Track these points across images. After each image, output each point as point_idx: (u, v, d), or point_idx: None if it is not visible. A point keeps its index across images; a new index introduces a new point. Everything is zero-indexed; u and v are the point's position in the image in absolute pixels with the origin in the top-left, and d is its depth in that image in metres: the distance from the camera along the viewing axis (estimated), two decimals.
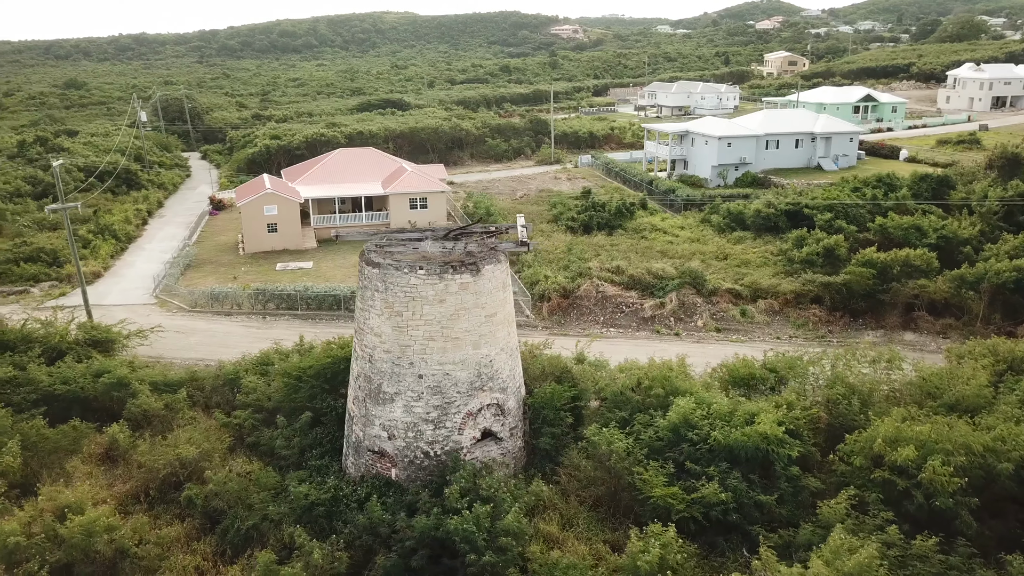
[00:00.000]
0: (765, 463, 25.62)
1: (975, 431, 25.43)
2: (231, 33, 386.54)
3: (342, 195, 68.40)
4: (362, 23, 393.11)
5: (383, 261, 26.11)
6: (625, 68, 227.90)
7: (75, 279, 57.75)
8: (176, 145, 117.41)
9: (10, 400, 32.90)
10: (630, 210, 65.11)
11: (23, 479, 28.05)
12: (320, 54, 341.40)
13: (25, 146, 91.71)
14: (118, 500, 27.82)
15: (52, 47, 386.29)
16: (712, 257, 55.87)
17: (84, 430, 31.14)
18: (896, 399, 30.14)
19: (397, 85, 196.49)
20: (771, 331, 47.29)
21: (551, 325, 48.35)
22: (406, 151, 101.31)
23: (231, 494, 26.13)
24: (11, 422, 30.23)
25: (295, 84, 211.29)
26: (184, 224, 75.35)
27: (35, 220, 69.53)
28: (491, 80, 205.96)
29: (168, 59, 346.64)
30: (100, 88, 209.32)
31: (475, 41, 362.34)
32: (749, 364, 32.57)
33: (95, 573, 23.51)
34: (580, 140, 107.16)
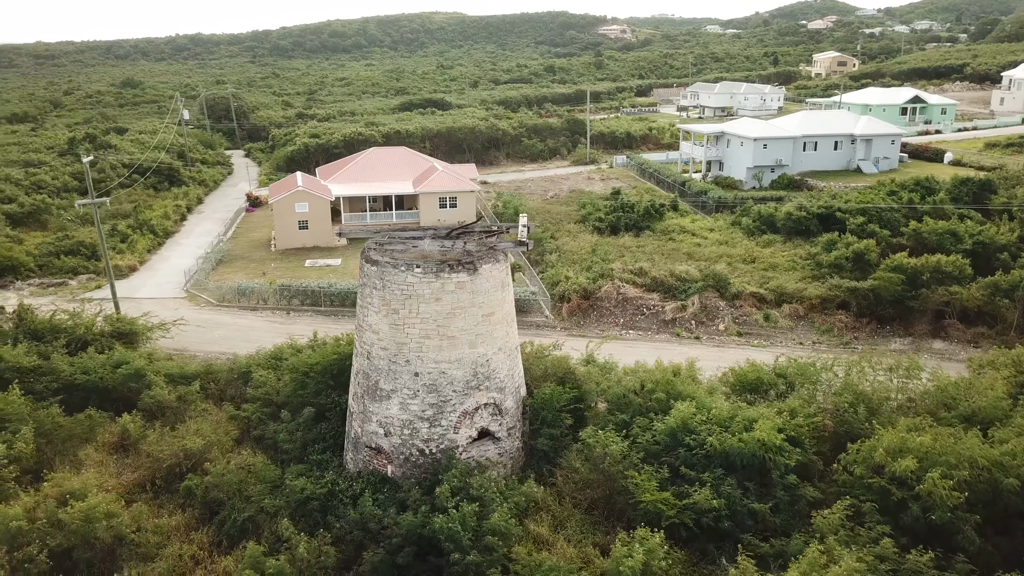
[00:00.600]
0: (762, 470, 25.13)
1: (984, 444, 24.60)
2: (283, 33, 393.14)
3: (373, 193, 69.10)
4: (411, 23, 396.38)
5: (381, 259, 26.29)
6: (671, 68, 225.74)
7: (112, 272, 59.43)
8: (220, 143, 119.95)
9: (32, 388, 33.90)
10: (659, 211, 64.47)
11: (36, 465, 28.88)
12: (369, 54, 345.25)
13: (75, 143, 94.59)
14: (125, 488, 28.49)
15: (112, 47, 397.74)
16: (739, 260, 55.00)
17: (98, 419, 31.96)
18: (910, 409, 29.29)
19: (441, 85, 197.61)
20: (795, 336, 46.37)
21: (570, 326, 48.15)
22: (443, 150, 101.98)
23: (229, 486, 26.60)
24: (29, 409, 31.13)
25: (342, 83, 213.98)
26: (221, 220, 76.90)
27: (78, 215, 71.64)
28: (535, 80, 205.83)
29: (222, 59, 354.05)
30: (154, 87, 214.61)
31: (522, 41, 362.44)
32: (759, 369, 32.00)
33: (94, 558, 24.15)
34: (617, 140, 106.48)
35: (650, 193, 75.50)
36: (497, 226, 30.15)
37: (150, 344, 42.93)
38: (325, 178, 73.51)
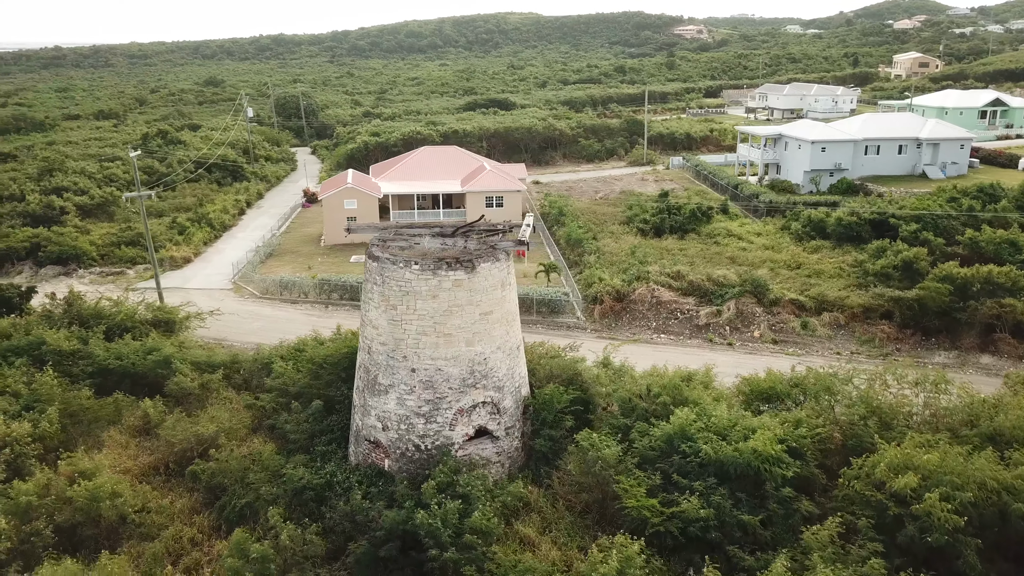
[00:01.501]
0: (757, 481, 24.43)
1: (997, 465, 23.36)
2: (361, 34, 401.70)
3: (421, 192, 69.94)
4: (486, 23, 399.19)
5: (381, 255, 26.62)
6: (744, 69, 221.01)
7: (167, 263, 61.93)
8: (286, 140, 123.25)
9: (69, 371, 35.63)
10: (706, 214, 63.26)
11: (61, 444, 30.29)
12: (444, 54, 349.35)
13: (148, 139, 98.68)
14: (140, 470, 29.64)
15: (200, 47, 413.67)
16: (784, 266, 53.51)
17: (125, 403, 33.30)
18: (930, 425, 28.02)
19: (510, 85, 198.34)
20: (832, 346, 44.86)
21: (601, 328, 47.73)
22: (499, 150, 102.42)
23: (232, 472, 27.37)
24: (60, 391, 32.69)
25: (413, 83, 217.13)
26: (278, 215, 79.04)
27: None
28: (604, 80, 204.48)
29: (302, 59, 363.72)
30: (234, 85, 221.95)
31: (596, 42, 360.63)
32: (776, 378, 31.06)
33: (98, 536, 25.22)
34: (676, 142, 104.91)
35: (701, 195, 74.14)
36: (500, 225, 30.11)
37: (189, 333, 44.63)
38: (377, 175, 74.78)
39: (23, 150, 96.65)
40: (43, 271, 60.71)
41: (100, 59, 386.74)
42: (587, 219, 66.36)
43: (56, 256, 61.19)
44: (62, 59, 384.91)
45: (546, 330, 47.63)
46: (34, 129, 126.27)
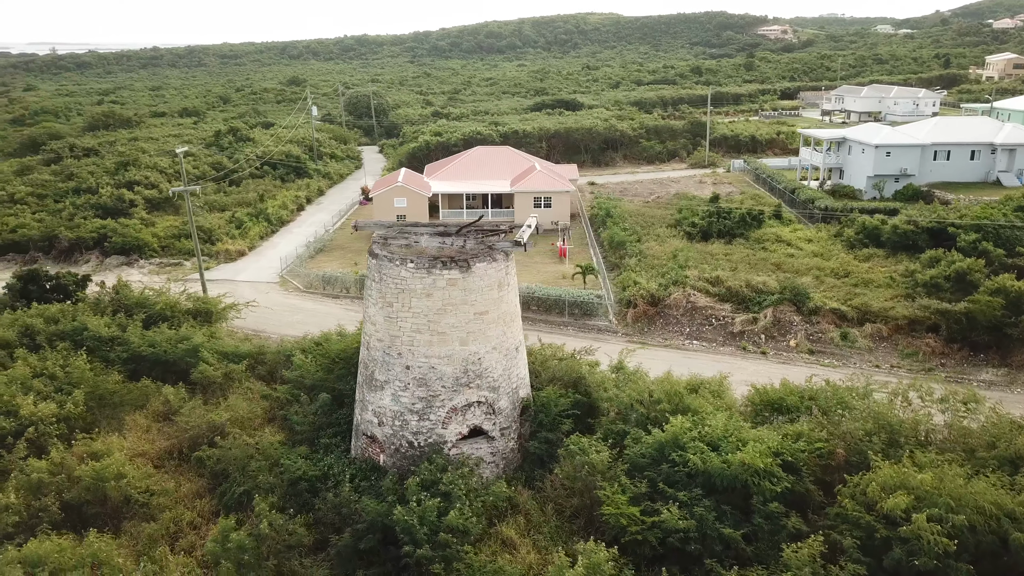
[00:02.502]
0: (746, 495, 23.71)
1: (999, 490, 22.06)
2: (442, 34, 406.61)
3: (469, 191, 70.44)
4: (565, 24, 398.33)
5: (380, 252, 26.98)
6: (826, 70, 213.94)
7: (222, 255, 64.18)
8: (353, 138, 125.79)
9: (107, 356, 37.37)
10: (757, 219, 61.62)
11: (86, 426, 31.82)
12: (522, 54, 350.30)
13: (220, 135, 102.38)
14: (157, 454, 30.85)
15: (287, 48, 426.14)
16: (831, 274, 51.65)
17: (151, 389, 34.71)
18: (947, 445, 26.66)
19: (582, 86, 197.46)
20: (872, 359, 43.10)
21: (632, 332, 47.11)
22: (559, 150, 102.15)
23: (235, 460, 28.19)
24: (91, 375, 34.28)
25: (487, 83, 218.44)
26: (335, 212, 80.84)
27: (206, 202, 77.64)
28: (679, 82, 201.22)
29: (384, 59, 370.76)
30: (315, 85, 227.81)
31: (677, 42, 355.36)
32: (790, 389, 30.07)
33: (103, 514, 26.35)
34: (741, 144, 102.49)
35: (756, 200, 72.24)
36: (501, 226, 30.05)
37: (227, 324, 46.22)
38: (431, 174, 75.70)
39: (106, 145, 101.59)
40: (108, 260, 63.81)
41: (194, 59, 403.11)
42: (634, 221, 65.54)
43: (120, 247, 64.23)
44: (159, 59, 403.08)
45: (576, 332, 47.33)
46: (121, 126, 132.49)
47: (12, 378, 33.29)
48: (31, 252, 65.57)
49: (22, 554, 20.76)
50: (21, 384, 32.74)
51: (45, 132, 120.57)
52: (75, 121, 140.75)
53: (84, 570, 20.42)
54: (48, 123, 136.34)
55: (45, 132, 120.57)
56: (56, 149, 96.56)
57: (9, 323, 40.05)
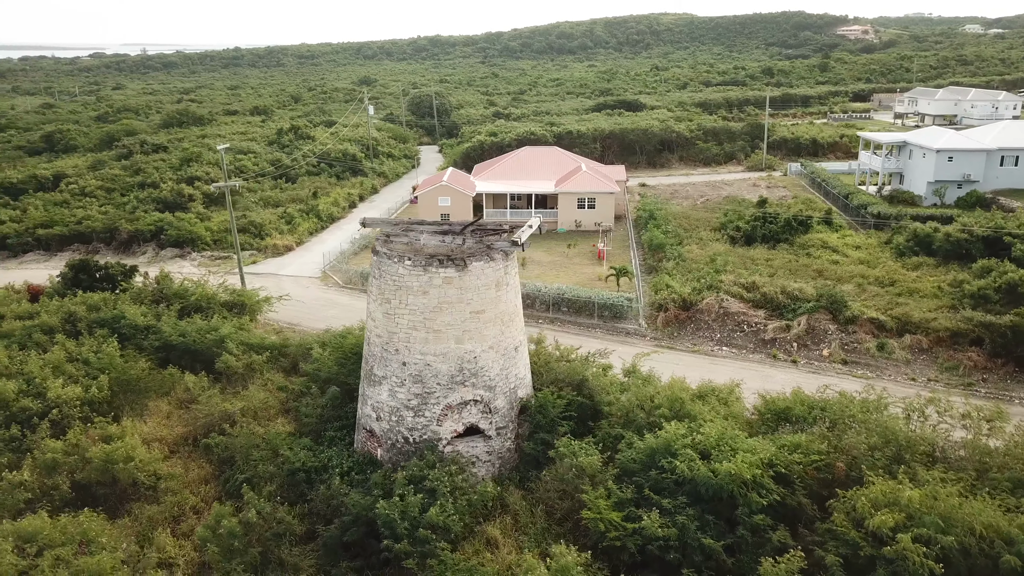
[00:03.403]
0: (733, 505, 23.15)
1: (997, 512, 20.99)
2: (513, 35, 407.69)
3: (513, 191, 70.55)
4: (638, 24, 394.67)
5: (381, 249, 27.33)
6: (905, 72, 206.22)
7: (270, 250, 65.94)
8: (413, 138, 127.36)
9: (141, 344, 38.88)
10: (804, 224, 59.90)
11: (110, 410, 33.17)
12: (593, 55, 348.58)
13: (282, 133, 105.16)
14: (174, 439, 31.96)
15: (362, 48, 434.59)
16: (875, 282, 49.85)
17: (176, 377, 35.95)
18: (959, 464, 25.50)
19: (649, 86, 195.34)
20: (909, 371, 41.39)
21: (661, 336, 46.41)
22: (614, 151, 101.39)
23: (240, 448, 28.98)
24: (120, 361, 35.69)
25: (554, 84, 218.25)
26: (386, 210, 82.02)
27: (261, 198, 79.87)
28: (749, 83, 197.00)
29: (455, 59, 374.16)
30: (384, 85, 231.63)
31: (751, 43, 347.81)
32: (799, 398, 29.20)
33: (111, 495, 27.46)
34: (801, 147, 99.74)
35: (807, 204, 70.16)
36: (504, 226, 30.01)
37: (265, 316, 47.57)
38: (479, 174, 76.12)
39: (175, 142, 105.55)
40: (163, 252, 66.31)
41: (273, 59, 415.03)
42: (678, 224, 64.56)
43: (175, 239, 66.65)
44: (240, 59, 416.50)
45: (604, 335, 46.93)
46: (194, 123, 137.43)
47: (47, 361, 35.01)
48: (94, 243, 68.62)
49: (15, 528, 21.81)
50: (54, 368, 34.38)
51: (123, 129, 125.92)
52: (153, 118, 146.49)
53: (72, 546, 21.28)
54: (128, 120, 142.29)
55: (123, 129, 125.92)
56: (128, 145, 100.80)
57: (55, 309, 42.06)
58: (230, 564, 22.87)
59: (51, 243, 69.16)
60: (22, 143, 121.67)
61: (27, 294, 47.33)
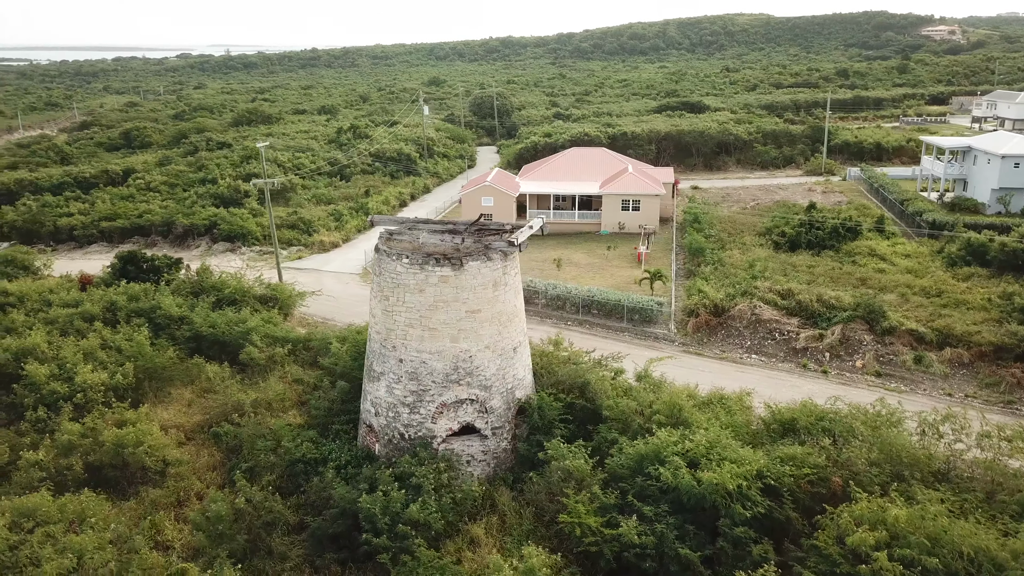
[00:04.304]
0: (717, 515, 22.62)
1: (988, 534, 19.98)
2: (585, 36, 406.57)
3: (557, 192, 70.32)
4: (712, 25, 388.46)
5: (382, 247, 27.68)
6: (990, 74, 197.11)
7: (317, 246, 67.40)
8: (471, 138, 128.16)
9: (174, 334, 40.33)
10: (852, 231, 57.94)
11: (135, 396, 34.53)
12: (664, 56, 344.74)
13: (341, 132, 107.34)
14: (192, 427, 33.05)
15: (435, 49, 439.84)
16: (921, 292, 47.87)
17: (200, 366, 37.15)
18: (965, 484, 24.40)
19: (717, 88, 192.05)
20: (946, 386, 39.63)
21: (690, 342, 45.59)
22: (669, 153, 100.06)
23: (247, 438, 29.77)
24: (150, 349, 37.04)
25: (621, 85, 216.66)
26: (433, 208, 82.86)
27: (314, 195, 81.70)
28: (822, 85, 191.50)
29: (526, 60, 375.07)
30: (452, 85, 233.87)
31: (830, 43, 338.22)
32: (807, 409, 28.27)
33: (119, 478, 28.56)
34: (864, 151, 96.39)
35: (861, 211, 67.78)
36: (506, 226, 29.97)
37: (300, 311, 48.73)
38: (526, 174, 76.17)
39: (239, 139, 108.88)
40: (215, 246, 68.54)
41: (348, 60, 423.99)
42: (722, 228, 63.30)
43: (227, 234, 68.78)
44: (317, 60, 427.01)
45: (633, 339, 46.40)
46: (263, 122, 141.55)
47: (82, 348, 36.61)
48: (152, 235, 71.41)
49: (16, 505, 22.92)
50: (86, 354, 35.93)
51: (194, 127, 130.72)
52: (226, 117, 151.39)
53: (64, 524, 22.24)
54: (202, 118, 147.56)
55: (194, 127, 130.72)
56: (195, 142, 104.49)
57: (98, 298, 43.93)
58: (216, 549, 23.51)
59: (114, 235, 72.25)
60: (103, 139, 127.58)
61: (78, 283, 49.54)
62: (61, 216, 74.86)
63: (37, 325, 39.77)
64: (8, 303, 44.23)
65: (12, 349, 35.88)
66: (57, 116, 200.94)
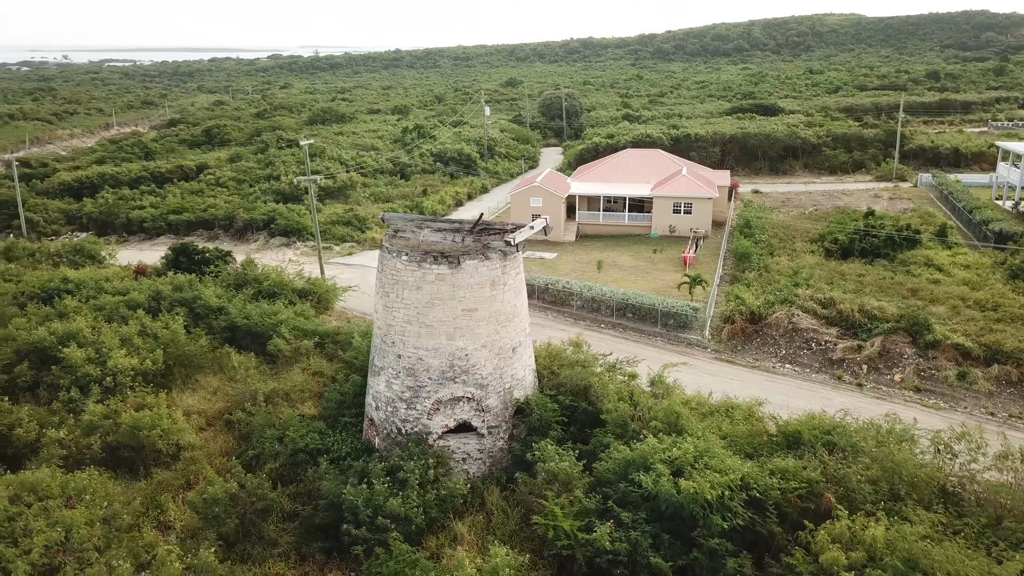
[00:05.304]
0: (695, 525, 22.09)
1: (972, 559, 18.94)
2: (667, 37, 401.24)
3: (608, 194, 69.73)
4: (799, 26, 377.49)
5: (385, 244, 28.11)
6: None
7: (368, 243, 68.75)
8: (536, 139, 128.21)
9: (211, 324, 41.88)
10: (909, 240, 55.50)
11: (164, 381, 36.01)
12: (748, 58, 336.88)
13: (406, 132, 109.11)
14: (214, 413, 34.28)
15: (515, 50, 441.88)
16: (976, 305, 45.53)
17: (228, 355, 38.44)
18: (975, 508, 23.19)
19: (797, 90, 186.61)
20: (989, 404, 37.57)
21: (723, 349, 44.55)
22: (734, 156, 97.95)
23: (257, 426, 30.67)
24: (184, 337, 38.55)
25: (698, 86, 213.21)
26: (489, 209, 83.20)
27: (372, 193, 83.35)
28: (910, 87, 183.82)
29: (606, 61, 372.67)
30: (529, 86, 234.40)
31: (926, 44, 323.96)
32: (814, 422, 27.30)
33: (135, 459, 29.82)
34: (940, 157, 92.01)
35: (925, 218, 64.80)
36: (508, 226, 29.90)
37: (338, 305, 49.88)
38: (580, 175, 75.86)
39: (309, 137, 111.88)
40: (272, 241, 70.75)
41: (430, 60, 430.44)
42: (773, 234, 61.59)
43: (283, 229, 70.88)
44: (400, 61, 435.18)
45: (665, 344, 45.66)
46: (336, 121, 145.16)
47: (120, 333, 38.39)
48: (215, 229, 74.19)
49: (20, 479, 24.24)
50: (123, 340, 37.66)
51: (271, 125, 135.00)
52: (303, 115, 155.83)
53: (62, 500, 23.42)
54: (280, 116, 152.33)
55: (271, 125, 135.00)
56: (266, 140, 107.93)
57: (146, 287, 45.97)
58: (207, 531, 24.32)
59: (180, 228, 75.40)
60: (186, 136, 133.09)
61: (132, 273, 51.94)
62: (134, 209, 78.57)
63: (85, 311, 41.88)
64: (66, 289, 46.67)
65: (58, 332, 37.86)
66: (150, 114, 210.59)
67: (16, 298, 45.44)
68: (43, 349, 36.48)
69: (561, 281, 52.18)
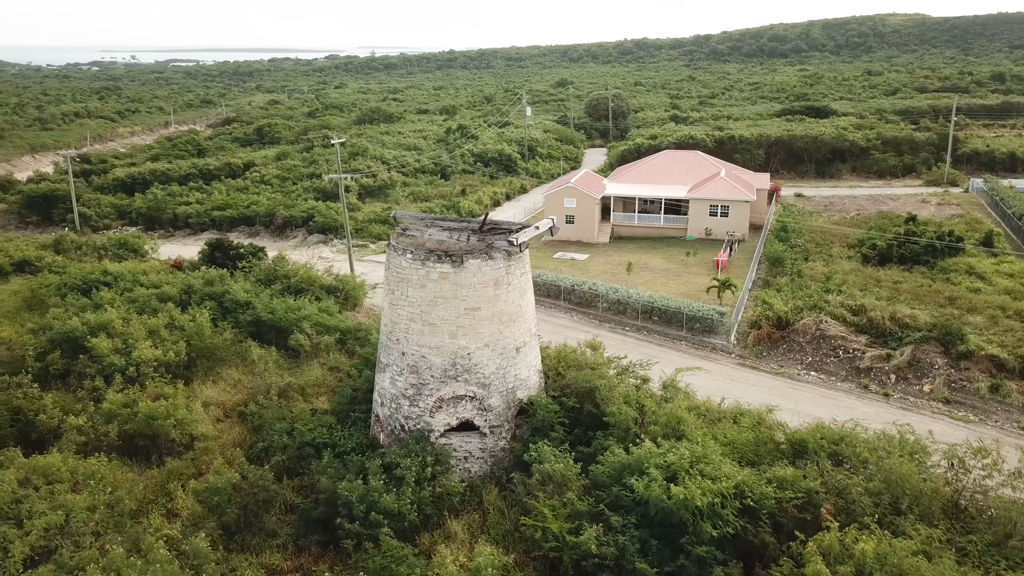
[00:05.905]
0: (685, 532, 21.76)
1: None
2: (723, 38, 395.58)
3: (643, 195, 69.08)
4: (860, 26, 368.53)
5: (392, 242, 28.34)
6: None
7: None
8: (580, 140, 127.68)
9: (238, 318, 42.77)
10: (951, 247, 53.73)
11: (187, 373, 36.91)
12: (807, 59, 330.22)
13: (449, 132, 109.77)
14: (232, 404, 34.98)
15: (568, 51, 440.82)
16: (1016, 315, 43.88)
17: (250, 348, 39.21)
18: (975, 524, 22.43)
19: (853, 92, 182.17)
20: (1021, 418, 36.16)
21: (748, 355, 43.76)
22: (779, 159, 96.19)
23: (268, 419, 31.23)
24: (209, 330, 39.44)
25: (751, 87, 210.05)
26: (525, 209, 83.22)
27: (411, 192, 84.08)
28: (972, 89, 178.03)
29: (661, 62, 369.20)
30: (580, 87, 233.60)
31: (993, 45, 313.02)
32: (821, 431, 26.64)
33: (149, 448, 30.62)
34: (995, 162, 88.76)
35: (971, 225, 62.60)
36: (514, 226, 29.82)
37: (366, 302, 50.45)
38: (617, 176, 75.36)
39: (355, 137, 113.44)
40: (310, 237, 71.95)
41: (483, 61, 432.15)
42: (810, 238, 60.26)
43: (321, 226, 71.99)
44: (453, 61, 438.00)
45: (689, 348, 45.07)
46: (384, 120, 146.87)
47: (148, 325, 39.45)
48: (256, 225, 75.74)
49: (31, 463, 25.11)
50: (150, 331, 38.70)
51: (320, 124, 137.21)
52: (352, 115, 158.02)
53: (69, 484, 24.18)
54: (330, 116, 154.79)
55: (320, 124, 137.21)
56: (312, 139, 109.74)
57: (179, 281, 47.16)
58: (209, 519, 24.86)
59: (223, 224, 77.16)
60: (239, 135, 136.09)
61: (169, 266, 53.34)
62: (180, 205, 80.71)
63: (119, 303, 43.15)
64: (105, 282, 48.13)
65: (90, 323, 39.08)
66: (208, 113, 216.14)
67: (59, 289, 47.06)
68: (75, 339, 37.65)
69: (587, 283, 51.87)
